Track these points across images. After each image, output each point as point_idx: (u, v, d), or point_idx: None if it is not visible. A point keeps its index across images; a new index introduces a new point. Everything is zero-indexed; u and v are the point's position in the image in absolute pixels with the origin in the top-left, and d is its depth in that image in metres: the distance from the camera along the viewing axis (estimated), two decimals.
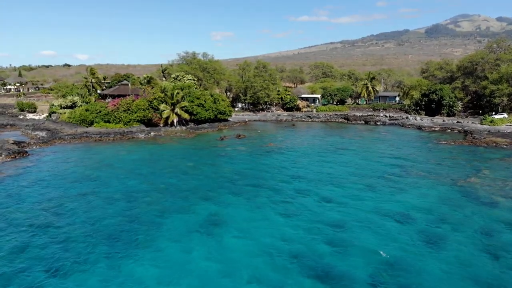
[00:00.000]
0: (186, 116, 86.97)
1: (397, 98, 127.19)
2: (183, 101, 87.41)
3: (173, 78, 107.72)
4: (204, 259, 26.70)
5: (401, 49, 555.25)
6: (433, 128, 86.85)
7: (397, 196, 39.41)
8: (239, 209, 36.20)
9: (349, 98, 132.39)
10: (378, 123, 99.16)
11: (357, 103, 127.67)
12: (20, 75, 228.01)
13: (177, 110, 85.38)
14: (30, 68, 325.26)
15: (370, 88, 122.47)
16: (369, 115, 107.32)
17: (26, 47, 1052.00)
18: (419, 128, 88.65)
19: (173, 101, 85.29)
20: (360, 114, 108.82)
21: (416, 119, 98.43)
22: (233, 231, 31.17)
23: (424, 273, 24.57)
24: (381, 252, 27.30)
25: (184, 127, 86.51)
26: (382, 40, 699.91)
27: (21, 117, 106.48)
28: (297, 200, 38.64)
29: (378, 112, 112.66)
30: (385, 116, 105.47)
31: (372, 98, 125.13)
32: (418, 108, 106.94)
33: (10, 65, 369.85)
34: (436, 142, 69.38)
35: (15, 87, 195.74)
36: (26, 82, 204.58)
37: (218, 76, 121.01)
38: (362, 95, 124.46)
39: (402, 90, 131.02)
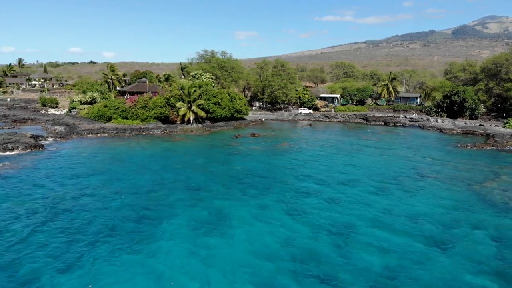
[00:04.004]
0: (202, 114, 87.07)
1: (419, 100, 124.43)
2: (200, 99, 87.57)
3: (192, 76, 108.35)
4: (205, 257, 26.42)
5: (427, 50, 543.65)
6: (454, 131, 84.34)
7: (409, 199, 38.24)
8: (246, 207, 35.79)
9: (369, 99, 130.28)
10: (398, 124, 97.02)
11: (377, 104, 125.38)
12: (45, 71, 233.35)
13: (193, 108, 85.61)
14: (56, 65, 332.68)
15: (390, 89, 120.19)
16: (389, 116, 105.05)
17: (55, 44, 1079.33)
18: (440, 130, 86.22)
19: (190, 99, 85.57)
20: (380, 115, 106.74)
21: (437, 121, 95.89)
22: (236, 229, 30.79)
23: (429, 282, 23.63)
24: (386, 257, 26.46)
25: (200, 125, 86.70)
26: (407, 40, 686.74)
27: (43, 112, 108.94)
28: (306, 200, 37.95)
29: (398, 113, 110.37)
30: (405, 117, 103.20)
31: (393, 99, 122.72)
32: (439, 110, 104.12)
33: (37, 61, 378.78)
34: (456, 145, 67.32)
35: (40, 82, 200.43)
36: (51, 78, 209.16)
37: (236, 75, 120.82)
38: (382, 95, 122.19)
39: (424, 91, 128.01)
